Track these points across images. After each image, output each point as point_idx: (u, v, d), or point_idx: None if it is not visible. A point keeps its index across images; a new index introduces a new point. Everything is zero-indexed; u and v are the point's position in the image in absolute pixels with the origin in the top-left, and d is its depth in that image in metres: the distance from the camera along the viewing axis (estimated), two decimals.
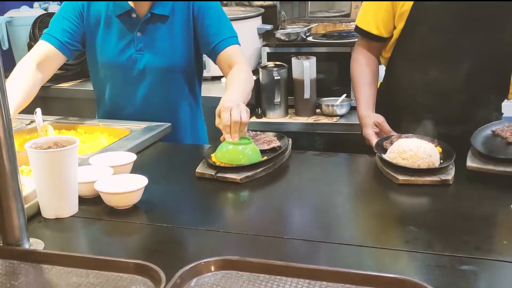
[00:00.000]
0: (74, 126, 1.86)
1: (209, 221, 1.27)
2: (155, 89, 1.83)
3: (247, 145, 1.47)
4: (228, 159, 1.45)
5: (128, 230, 1.22)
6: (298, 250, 1.10)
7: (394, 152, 1.42)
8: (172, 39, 1.82)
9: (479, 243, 1.09)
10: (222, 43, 1.80)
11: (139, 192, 1.29)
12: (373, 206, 1.29)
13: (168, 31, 1.82)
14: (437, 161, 1.39)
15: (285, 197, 1.39)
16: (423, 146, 1.40)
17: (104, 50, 1.84)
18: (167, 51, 1.82)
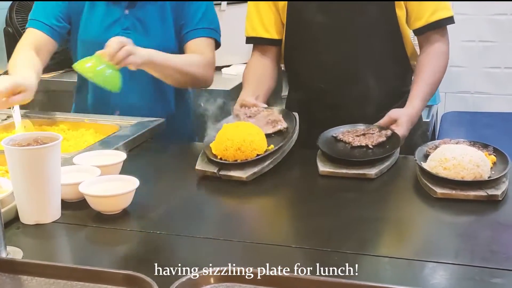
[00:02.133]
0: (56, 122, 1.87)
1: (208, 228, 1.27)
2: (141, 74, 1.83)
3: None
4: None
5: (117, 237, 1.22)
6: (309, 261, 1.10)
7: (435, 160, 1.37)
8: (162, 20, 1.85)
9: (510, 253, 1.09)
10: (193, 32, 1.87)
11: (129, 195, 1.29)
12: (397, 216, 1.29)
13: (159, 11, 1.84)
14: (486, 172, 1.34)
15: (295, 199, 1.38)
16: (469, 154, 1.34)
17: (88, 28, 1.87)
18: (156, 32, 1.86)
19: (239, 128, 1.49)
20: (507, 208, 1.27)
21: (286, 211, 1.38)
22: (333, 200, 1.37)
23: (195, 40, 1.88)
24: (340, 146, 1.58)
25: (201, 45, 1.88)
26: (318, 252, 1.12)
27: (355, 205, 1.34)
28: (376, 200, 1.35)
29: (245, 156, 1.44)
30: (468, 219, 1.28)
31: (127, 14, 1.85)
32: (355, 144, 1.56)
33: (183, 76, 1.84)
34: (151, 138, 1.79)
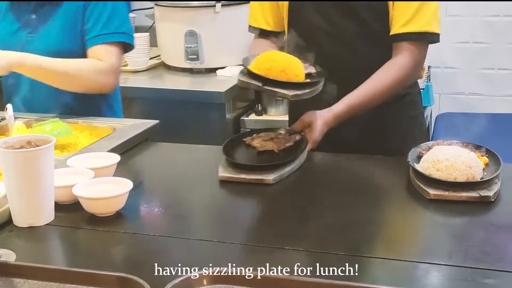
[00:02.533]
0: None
1: (202, 230, 1.28)
2: None
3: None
4: None
5: (111, 239, 1.23)
6: (305, 262, 1.11)
7: (427, 162, 1.38)
8: (69, 23, 1.89)
9: (502, 253, 1.10)
10: (93, 39, 1.89)
11: (122, 197, 1.30)
12: (390, 218, 1.31)
13: (67, 15, 1.89)
14: (478, 173, 1.35)
15: (292, 205, 1.39)
16: (462, 155, 1.35)
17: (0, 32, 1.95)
18: (59, 35, 1.89)
19: (281, 53, 1.51)
20: (499, 209, 1.29)
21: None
22: (332, 202, 1.38)
23: (96, 47, 1.89)
24: (247, 151, 1.59)
25: (101, 51, 1.89)
26: (314, 253, 1.14)
27: (349, 207, 1.35)
28: (369, 202, 1.36)
29: (287, 79, 1.45)
30: (461, 220, 1.29)
31: (33, 18, 1.92)
32: (261, 149, 1.57)
33: (71, 81, 1.86)
34: (145, 139, 1.80)
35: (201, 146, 1.75)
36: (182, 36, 2.66)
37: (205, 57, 2.68)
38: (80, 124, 1.86)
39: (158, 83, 2.75)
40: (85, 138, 1.79)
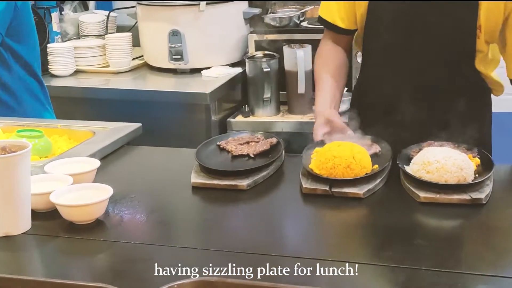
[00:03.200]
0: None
1: (184, 237, 1.28)
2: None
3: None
4: None
5: (90, 248, 1.22)
6: (289, 269, 1.10)
7: (417, 164, 1.37)
8: None
9: (495, 258, 1.10)
10: None
11: (102, 204, 1.29)
12: (381, 221, 1.30)
13: None
14: (470, 175, 1.34)
15: (276, 209, 1.39)
16: (453, 157, 1.35)
17: None
18: None
19: (343, 145, 1.45)
20: (491, 212, 1.29)
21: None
22: (311, 207, 1.38)
23: None
24: (221, 155, 1.58)
25: None
26: (301, 260, 1.13)
27: (336, 209, 1.35)
28: (358, 205, 1.36)
29: (355, 175, 1.40)
30: (452, 223, 1.29)
31: None
32: (236, 153, 1.56)
33: None
34: (127, 143, 1.79)
35: (184, 150, 1.74)
36: (165, 36, 2.65)
37: (190, 57, 2.66)
38: (59, 128, 1.84)
39: (141, 84, 2.73)
40: (64, 142, 1.77)
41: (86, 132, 1.80)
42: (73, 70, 2.75)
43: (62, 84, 2.67)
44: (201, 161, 1.51)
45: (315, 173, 1.41)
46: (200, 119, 2.50)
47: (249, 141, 1.62)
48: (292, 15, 2.70)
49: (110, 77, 2.77)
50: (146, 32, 2.81)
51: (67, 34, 3.03)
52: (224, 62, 2.72)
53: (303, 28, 2.69)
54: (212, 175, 1.47)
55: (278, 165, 1.55)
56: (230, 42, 2.73)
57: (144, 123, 1.89)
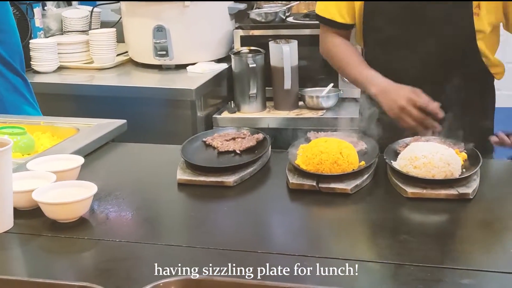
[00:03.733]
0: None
1: (170, 234, 1.27)
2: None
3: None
4: None
5: (74, 247, 1.21)
6: (276, 267, 1.10)
7: (405, 159, 1.37)
8: None
9: (480, 252, 1.10)
10: None
11: (86, 202, 1.28)
12: (368, 217, 1.30)
13: None
14: (457, 170, 1.34)
15: (263, 205, 1.39)
16: (440, 152, 1.35)
17: None
18: None
19: (330, 141, 1.44)
20: (478, 207, 1.29)
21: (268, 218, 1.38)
22: (299, 203, 1.37)
23: None
24: (207, 152, 1.57)
25: None
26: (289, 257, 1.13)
27: (324, 205, 1.34)
28: (346, 201, 1.35)
29: (342, 170, 1.39)
30: (439, 218, 1.29)
31: None
32: (222, 149, 1.55)
33: None
34: (112, 140, 1.77)
35: (170, 146, 1.73)
36: (150, 32, 2.63)
37: (175, 53, 2.65)
38: (42, 125, 1.82)
39: (126, 81, 2.71)
40: (47, 139, 1.76)
41: (69, 129, 1.79)
42: (57, 66, 2.72)
43: (45, 81, 2.65)
44: (187, 157, 1.50)
45: (302, 168, 1.40)
46: (185, 115, 2.49)
47: (235, 137, 1.61)
48: (278, 10, 2.69)
49: (94, 73, 2.75)
50: (131, 27, 2.79)
51: (50, 30, 3.00)
52: (210, 58, 2.71)
53: (289, 23, 2.68)
54: (198, 171, 1.46)
55: (265, 161, 1.54)
56: (215, 38, 2.72)
57: (129, 119, 1.87)
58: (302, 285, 1.04)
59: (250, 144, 1.57)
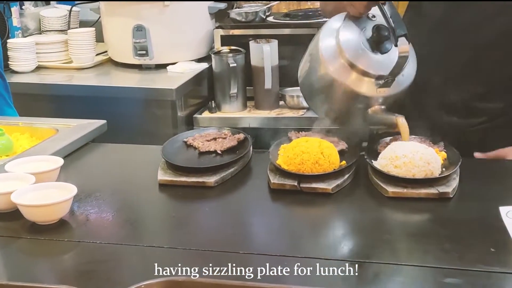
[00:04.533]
0: None
1: (151, 235, 1.26)
2: None
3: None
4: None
5: (54, 249, 1.19)
6: (257, 267, 1.10)
7: (385, 158, 1.37)
8: None
9: (462, 251, 1.11)
10: None
11: (66, 203, 1.27)
12: (349, 217, 1.31)
13: None
14: (437, 169, 1.35)
15: (244, 206, 1.39)
16: (420, 151, 1.35)
17: None
18: None
19: (311, 141, 1.43)
20: (458, 205, 1.30)
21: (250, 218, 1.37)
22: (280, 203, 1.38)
23: None
24: (188, 152, 1.56)
25: None
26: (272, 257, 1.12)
27: (305, 205, 1.35)
28: (327, 201, 1.36)
29: (323, 170, 1.38)
30: (420, 217, 1.30)
31: None
32: (203, 149, 1.55)
33: None
34: (92, 141, 1.76)
35: (150, 147, 1.72)
36: (129, 31, 2.61)
37: (155, 53, 2.64)
38: (21, 126, 1.80)
39: (105, 81, 2.69)
40: (26, 140, 1.74)
41: (48, 130, 1.77)
42: (35, 66, 2.69)
43: (23, 81, 2.62)
44: (168, 158, 1.50)
45: (283, 168, 1.40)
46: (166, 115, 2.48)
47: (216, 137, 1.60)
48: (258, 10, 2.69)
49: (73, 73, 2.73)
50: (110, 27, 2.77)
51: (28, 29, 2.97)
52: (190, 58, 2.70)
53: (269, 23, 2.68)
54: (179, 172, 1.45)
55: (246, 161, 1.54)
56: (195, 37, 2.71)
57: (109, 120, 1.86)
58: (283, 285, 1.04)
59: (231, 144, 1.57)
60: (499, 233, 1.17)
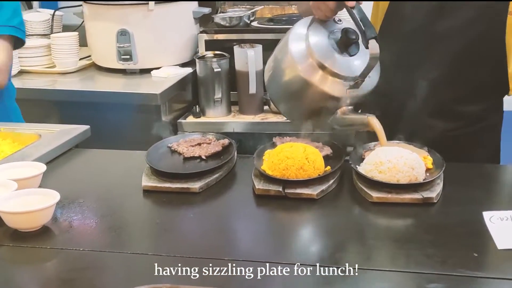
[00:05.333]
0: None
1: (136, 242, 1.25)
2: None
3: None
4: None
5: (37, 256, 1.18)
6: (242, 273, 1.09)
7: (370, 164, 1.38)
8: None
9: (445, 256, 1.12)
10: None
11: (49, 210, 1.25)
12: (334, 224, 1.30)
13: None
14: (421, 175, 1.36)
15: (229, 211, 1.38)
16: (404, 156, 1.36)
17: None
18: None
19: (296, 146, 1.43)
20: (442, 211, 1.31)
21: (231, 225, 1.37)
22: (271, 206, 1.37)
23: None
24: (172, 157, 1.56)
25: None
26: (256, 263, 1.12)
27: (290, 210, 1.34)
28: (312, 206, 1.35)
29: (308, 176, 1.38)
30: (404, 223, 1.30)
31: None
32: (188, 155, 1.55)
33: None
34: (75, 146, 1.74)
35: (134, 152, 1.71)
36: (113, 36, 2.60)
37: (139, 57, 2.62)
38: (2, 131, 1.78)
39: (89, 85, 2.67)
40: (8, 146, 1.72)
41: (31, 135, 1.75)
42: (17, 70, 2.67)
43: None
44: (152, 163, 1.49)
45: (268, 174, 1.40)
46: (150, 120, 2.46)
47: (201, 142, 1.60)
48: (242, 14, 2.69)
49: (56, 77, 2.70)
50: (94, 31, 2.75)
51: None
52: (174, 62, 2.69)
53: (253, 28, 2.68)
54: (163, 178, 1.44)
55: (230, 166, 1.53)
56: (180, 42, 2.70)
57: (92, 125, 1.84)
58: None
59: (215, 149, 1.56)
60: (483, 238, 1.17)
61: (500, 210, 1.25)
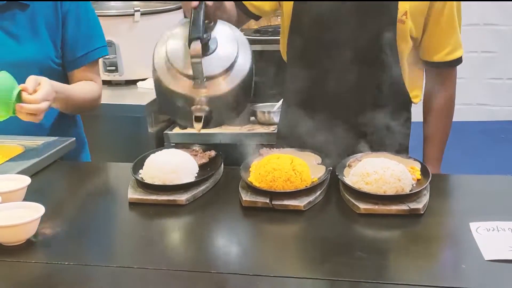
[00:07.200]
0: None
1: (121, 256, 1.24)
2: None
3: None
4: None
5: (21, 271, 1.17)
6: (231, 287, 1.09)
7: (356, 175, 1.38)
8: (34, 32, 1.79)
9: (433, 268, 1.12)
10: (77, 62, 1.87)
11: (33, 224, 1.24)
12: (322, 235, 1.29)
13: (29, 22, 1.79)
14: (408, 186, 1.36)
15: (216, 224, 1.37)
16: (391, 167, 1.36)
17: None
18: (29, 45, 1.79)
19: (283, 158, 1.43)
20: (429, 222, 1.31)
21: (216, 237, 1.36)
22: (258, 218, 1.37)
23: (82, 69, 1.87)
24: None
25: (88, 73, 1.89)
26: (245, 276, 1.11)
27: (277, 222, 1.34)
28: (299, 218, 1.35)
29: (295, 187, 1.38)
30: (391, 234, 1.30)
31: None
32: None
33: (83, 106, 1.87)
34: (60, 158, 1.73)
35: (120, 164, 1.70)
36: None
37: (125, 69, 2.62)
38: None
39: None
40: None
41: (15, 147, 1.72)
42: None
43: None
44: (138, 176, 1.48)
45: (255, 186, 1.40)
46: (136, 132, 2.46)
47: (189, 154, 1.59)
48: None
49: None
50: None
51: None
52: None
53: None
54: (149, 190, 1.43)
55: (217, 178, 1.53)
56: None
57: (77, 137, 1.83)
58: None
59: (202, 161, 1.56)
60: (470, 249, 1.18)
61: (486, 221, 1.26)
